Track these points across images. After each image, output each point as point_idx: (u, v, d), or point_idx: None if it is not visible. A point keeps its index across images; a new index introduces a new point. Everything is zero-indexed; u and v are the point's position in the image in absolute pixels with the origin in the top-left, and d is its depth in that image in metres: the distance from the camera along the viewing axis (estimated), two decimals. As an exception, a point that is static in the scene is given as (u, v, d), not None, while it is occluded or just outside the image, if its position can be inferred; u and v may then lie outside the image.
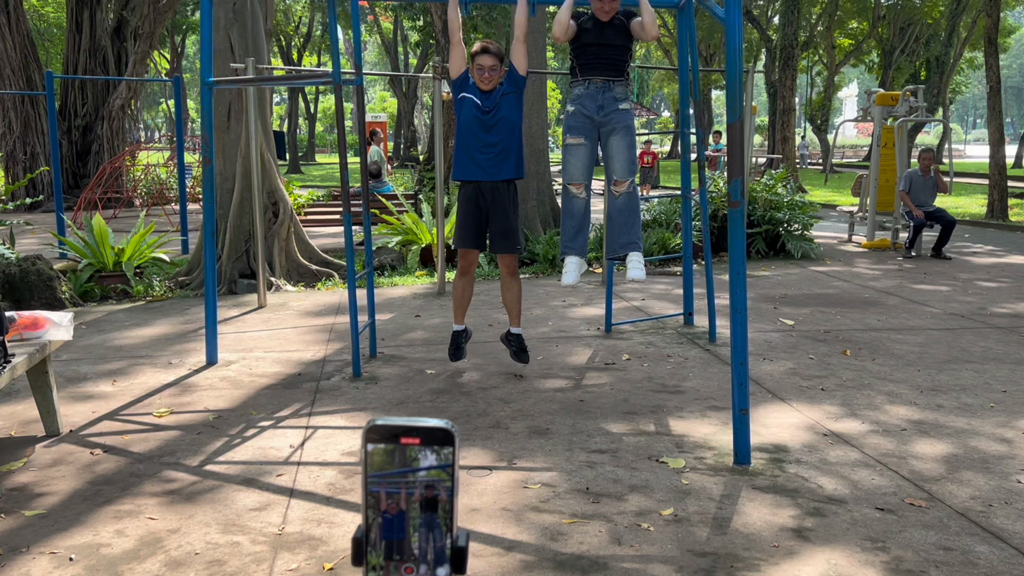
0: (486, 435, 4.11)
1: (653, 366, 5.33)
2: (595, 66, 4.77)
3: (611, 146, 4.79)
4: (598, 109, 4.75)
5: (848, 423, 4.25)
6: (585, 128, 4.80)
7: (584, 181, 4.84)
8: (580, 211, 4.88)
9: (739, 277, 3.69)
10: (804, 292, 7.91)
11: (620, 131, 4.77)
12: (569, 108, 4.87)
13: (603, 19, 4.74)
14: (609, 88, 4.76)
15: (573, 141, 4.82)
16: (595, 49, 4.73)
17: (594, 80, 4.75)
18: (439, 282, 8.00)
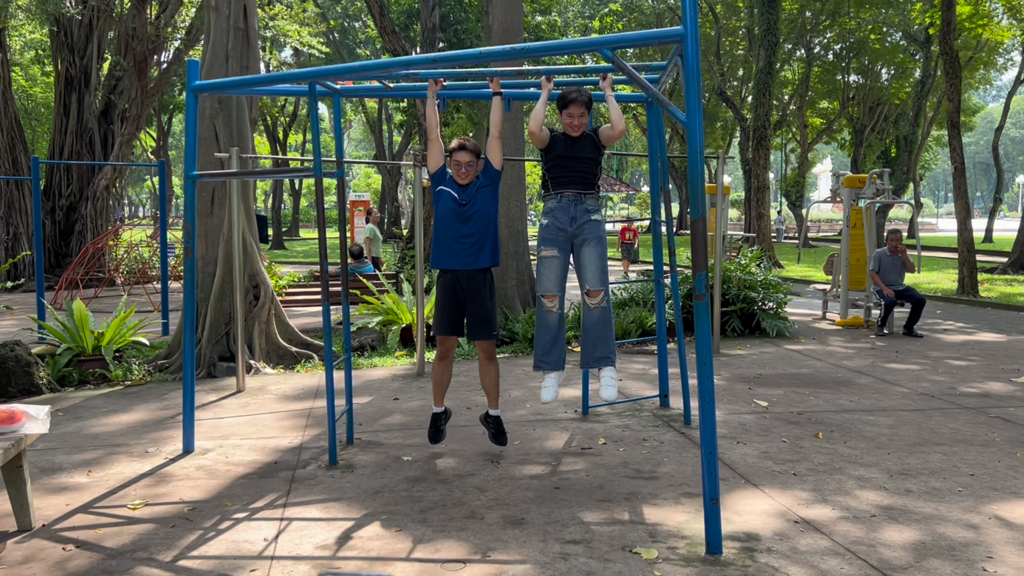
0: (461, 526, 4.13)
1: (629, 451, 5.39)
2: (566, 180, 4.98)
3: (583, 256, 4.97)
4: (571, 221, 4.95)
5: (819, 509, 4.30)
6: (558, 240, 4.99)
7: (557, 293, 5.02)
8: (554, 325, 5.04)
9: (706, 367, 3.80)
10: (778, 372, 8.02)
11: (592, 241, 4.97)
12: (543, 221, 5.06)
13: (573, 134, 4.97)
14: (581, 201, 4.97)
15: (547, 253, 5.01)
16: (566, 162, 4.95)
17: (566, 194, 4.96)
18: (418, 363, 8.06)
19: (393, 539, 3.97)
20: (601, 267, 4.93)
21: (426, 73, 4.99)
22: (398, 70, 4.80)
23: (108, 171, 18.82)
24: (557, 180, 4.98)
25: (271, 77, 5.13)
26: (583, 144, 4.98)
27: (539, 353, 5.07)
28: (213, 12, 8.44)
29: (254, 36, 8.65)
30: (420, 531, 4.07)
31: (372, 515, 4.30)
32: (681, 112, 3.85)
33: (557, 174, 4.98)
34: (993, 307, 13.96)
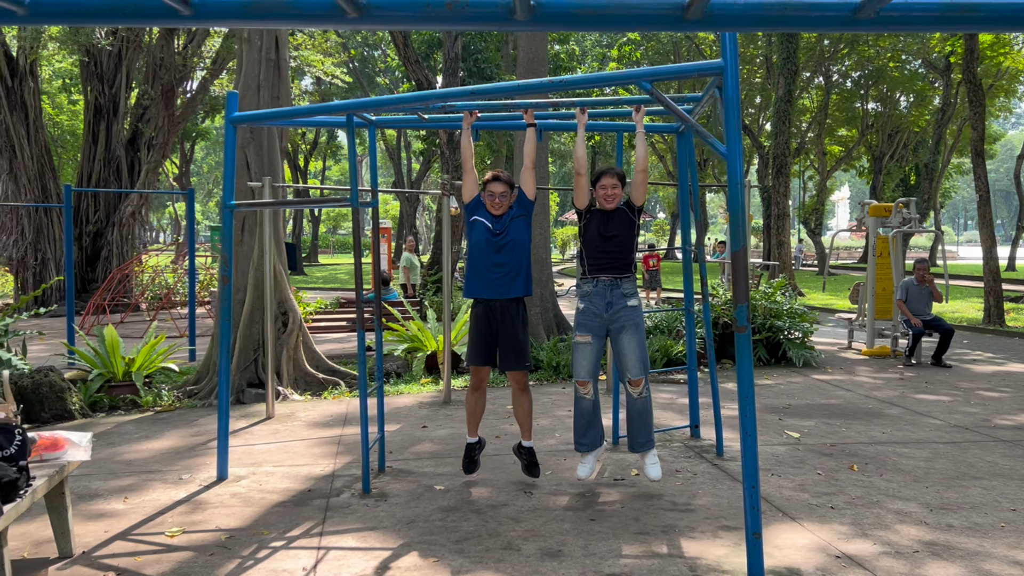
0: (498, 557, 4.12)
1: (662, 482, 5.35)
2: (603, 264, 5.04)
3: (623, 344, 5.01)
4: (606, 307, 5.01)
5: (859, 544, 4.26)
6: (594, 326, 5.04)
7: (591, 380, 5.09)
8: (588, 410, 5.14)
9: (748, 400, 3.78)
10: (808, 402, 7.96)
11: (630, 328, 5.01)
12: (579, 305, 5.12)
13: (609, 206, 5.03)
14: (617, 285, 5.03)
15: (581, 339, 5.07)
16: (601, 243, 5.02)
17: (602, 278, 5.02)
18: (445, 390, 8.07)
19: (431, 570, 3.96)
20: (640, 355, 4.99)
21: (462, 105, 5.05)
22: (435, 102, 4.87)
23: (135, 198, 19.08)
24: (593, 264, 5.06)
25: (309, 109, 5.21)
26: (618, 220, 5.04)
27: (577, 435, 5.21)
28: (245, 43, 8.59)
29: (285, 67, 8.79)
30: (458, 562, 4.05)
31: (408, 545, 4.29)
32: (721, 143, 3.88)
33: (594, 256, 5.05)
34: (1022, 337, 13.80)
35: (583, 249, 5.15)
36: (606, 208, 5.07)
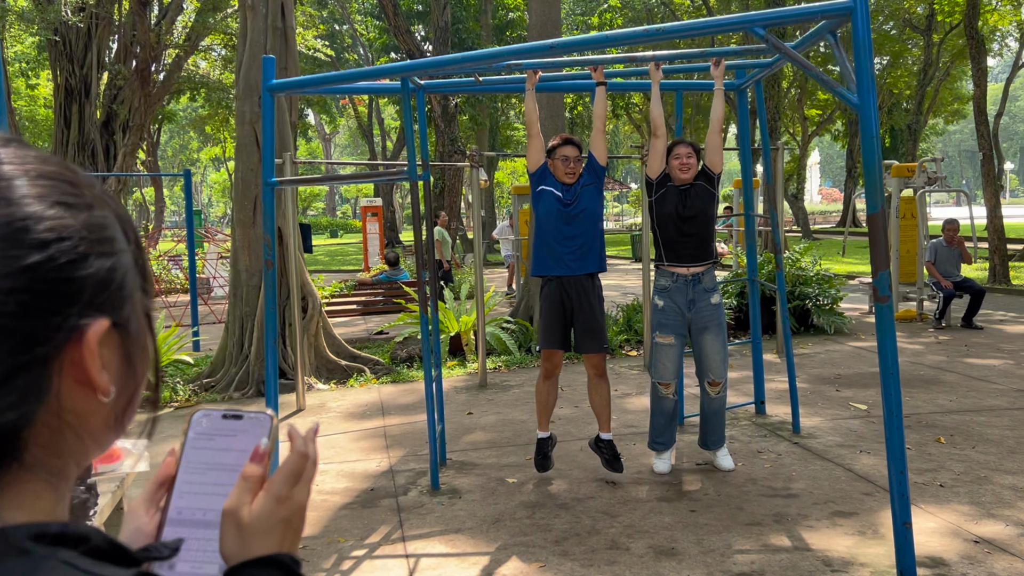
0: (609, 559, 3.75)
1: (749, 465, 5.01)
2: (681, 253, 4.70)
3: (706, 345, 4.75)
4: (688, 305, 4.71)
5: (991, 526, 3.95)
6: (676, 325, 4.74)
7: (674, 381, 4.82)
8: (669, 410, 4.89)
9: (893, 378, 3.43)
10: (857, 371, 7.68)
11: (714, 328, 4.73)
12: (658, 302, 4.77)
13: (684, 176, 4.67)
14: (698, 281, 4.70)
15: (664, 341, 4.78)
16: (680, 225, 4.66)
17: (681, 272, 4.69)
18: (480, 373, 7.66)
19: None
20: (723, 356, 4.75)
21: (528, 64, 4.60)
22: (500, 61, 4.42)
23: (112, 182, 18.30)
24: (671, 252, 4.71)
25: (357, 74, 4.74)
26: (696, 195, 4.68)
27: (653, 435, 4.97)
28: (250, 11, 8.01)
29: (292, 35, 8.24)
30: (567, 566, 3.68)
31: (504, 548, 3.91)
32: (852, 94, 3.48)
33: (671, 242, 4.71)
34: (1032, 295, 13.69)
35: (656, 234, 4.76)
36: (682, 179, 4.69)
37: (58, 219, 0.56)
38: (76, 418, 0.58)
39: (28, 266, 0.53)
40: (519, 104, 35.14)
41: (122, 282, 0.60)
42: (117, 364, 0.60)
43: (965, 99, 42.83)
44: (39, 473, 0.57)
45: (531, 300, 9.68)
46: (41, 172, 0.58)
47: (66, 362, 0.56)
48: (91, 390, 0.58)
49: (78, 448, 0.60)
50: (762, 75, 5.18)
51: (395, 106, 33.85)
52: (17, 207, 0.54)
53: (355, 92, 4.86)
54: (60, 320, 0.54)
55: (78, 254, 0.56)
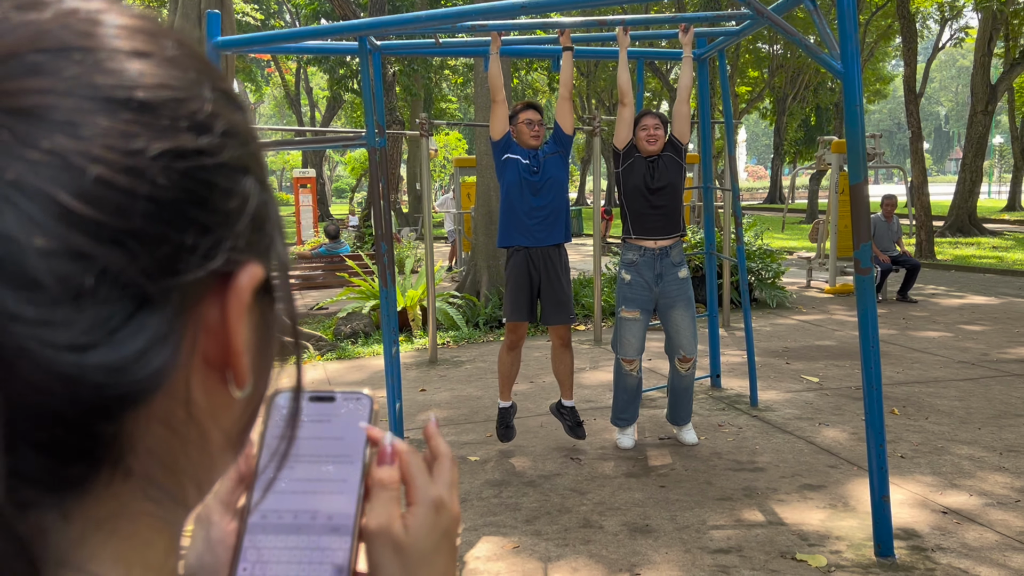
0: (584, 538, 3.65)
1: (712, 439, 4.98)
2: (648, 226, 4.58)
3: (676, 321, 4.67)
4: (656, 279, 4.60)
5: (956, 496, 3.99)
6: (642, 300, 4.64)
7: (638, 357, 4.74)
8: (633, 387, 4.81)
9: (873, 351, 3.40)
10: (804, 344, 7.77)
11: (682, 303, 4.65)
12: (625, 276, 4.65)
13: (652, 147, 4.55)
14: (666, 254, 4.59)
15: (629, 315, 4.66)
16: (648, 197, 4.55)
17: (648, 245, 4.58)
18: (431, 350, 7.47)
19: (516, 558, 3.45)
20: (693, 332, 4.68)
21: (494, 25, 4.39)
22: (465, 21, 4.20)
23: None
24: (638, 225, 4.58)
25: (310, 31, 4.46)
26: (664, 166, 4.56)
27: (616, 411, 4.89)
28: (182, -33, 7.55)
29: (228, -6, 7.80)
30: (541, 547, 3.56)
31: (474, 529, 3.77)
32: (837, 61, 3.40)
33: (638, 215, 4.58)
34: (956, 269, 14.17)
35: (624, 205, 4.64)
36: (649, 151, 4.57)
37: (221, 107, 0.38)
38: (205, 416, 0.39)
39: (180, 151, 0.35)
40: (453, 76, 34.68)
41: (273, 226, 0.41)
42: (255, 345, 0.41)
43: (887, 79, 44.19)
44: (148, 495, 0.37)
45: (478, 275, 9.51)
46: (192, 47, 0.39)
47: (201, 322, 0.37)
48: (222, 376, 0.39)
49: (203, 464, 0.40)
50: (726, 44, 5.10)
51: (324, 75, 32.89)
52: (168, 71, 0.36)
53: (307, 51, 4.58)
54: (211, 244, 0.36)
55: (240, 162, 0.38)
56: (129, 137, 0.33)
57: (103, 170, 0.32)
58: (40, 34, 0.33)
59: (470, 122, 9.07)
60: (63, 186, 0.31)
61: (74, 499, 0.33)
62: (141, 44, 0.36)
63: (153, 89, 0.35)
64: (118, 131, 0.33)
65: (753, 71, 39.83)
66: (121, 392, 0.33)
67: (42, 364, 0.31)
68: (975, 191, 20.87)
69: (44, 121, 0.32)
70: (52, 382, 0.31)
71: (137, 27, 0.37)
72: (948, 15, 31.62)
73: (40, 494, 0.32)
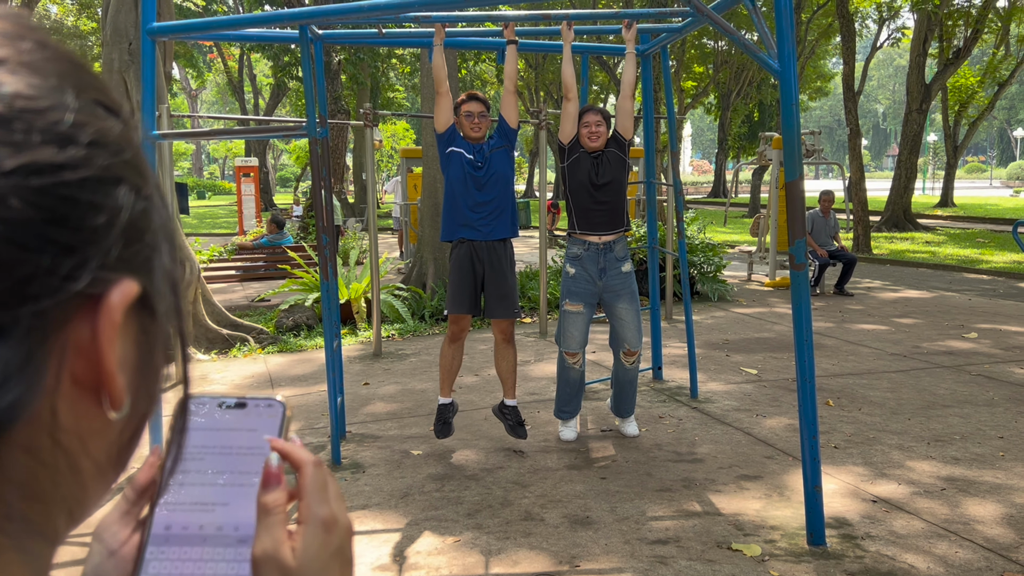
0: (525, 530, 3.67)
1: (653, 431, 5.05)
2: (593, 220, 4.61)
3: (620, 314, 4.70)
4: (600, 273, 4.63)
5: (886, 486, 4.11)
6: (586, 294, 4.67)
7: (581, 350, 4.78)
8: (576, 380, 4.84)
9: (807, 345, 3.47)
10: (744, 337, 7.91)
11: (626, 296, 4.69)
12: (569, 270, 4.68)
13: (594, 144, 4.57)
14: (610, 249, 4.63)
15: (573, 308, 4.70)
16: (592, 193, 4.57)
17: (592, 240, 4.61)
18: (375, 342, 7.42)
19: (458, 552, 3.46)
20: (638, 325, 4.72)
21: (438, 16, 4.36)
22: (408, 11, 4.16)
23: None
24: (583, 220, 4.61)
25: (248, 19, 4.37)
26: (608, 162, 4.60)
27: (560, 404, 4.91)
28: (118, -52, 7.32)
29: (166, -22, 7.59)
30: (483, 539, 3.57)
31: (415, 523, 3.76)
32: (773, 60, 3.46)
33: (583, 210, 4.61)
34: (892, 264, 14.58)
35: (569, 200, 4.66)
36: (591, 147, 4.60)
37: (92, 117, 0.36)
38: (74, 442, 0.37)
39: (36, 166, 0.32)
40: (401, 65, 34.37)
41: (154, 236, 0.39)
42: (133, 362, 0.39)
43: (828, 77, 45.15)
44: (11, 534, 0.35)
45: (423, 267, 9.46)
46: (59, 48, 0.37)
47: (69, 344, 0.35)
48: (96, 398, 0.37)
49: (73, 492, 0.38)
50: (669, 40, 5.14)
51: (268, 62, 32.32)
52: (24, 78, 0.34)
53: (246, 39, 4.49)
54: (73, 265, 0.34)
55: (109, 173, 0.36)
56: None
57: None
58: None
59: (416, 112, 9.00)
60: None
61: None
62: None
63: (4, 100, 0.32)
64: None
65: (698, 67, 40.33)
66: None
67: None
68: (910, 187, 21.47)
69: None
70: None
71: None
72: (886, 15, 32.44)
73: None
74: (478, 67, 36.02)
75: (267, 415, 0.59)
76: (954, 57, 20.85)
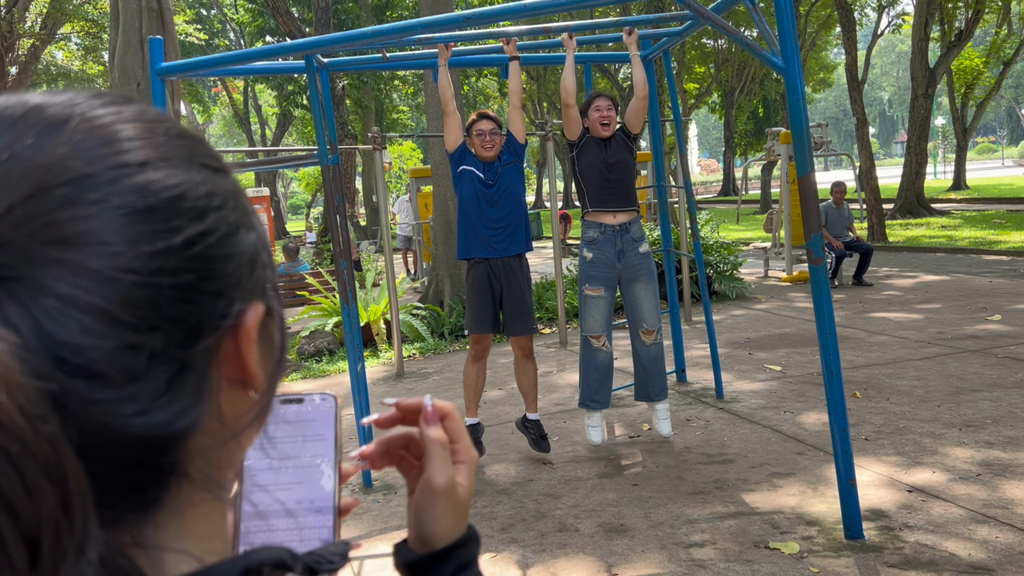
0: (560, 541, 3.67)
1: (680, 434, 5.04)
2: (607, 199, 4.60)
3: (637, 294, 4.67)
4: (618, 255, 4.61)
5: (920, 474, 4.08)
6: (605, 278, 4.64)
7: (606, 333, 4.70)
8: (604, 364, 4.73)
9: (831, 338, 3.47)
10: (765, 334, 7.89)
11: (644, 277, 4.66)
12: (587, 254, 4.66)
13: (605, 133, 4.58)
14: (626, 230, 4.62)
15: (594, 292, 4.65)
16: (604, 172, 4.57)
17: (608, 222, 4.60)
18: (397, 363, 7.45)
19: (495, 568, 3.46)
20: (655, 304, 4.68)
21: (440, 38, 4.41)
22: (411, 35, 4.21)
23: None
24: (596, 199, 4.60)
25: (255, 53, 4.44)
26: (616, 146, 4.61)
27: (588, 392, 4.77)
28: (121, -8, 7.45)
29: (169, 16, 7.71)
30: (519, 553, 3.58)
31: (451, 542, 3.76)
32: (777, 57, 3.47)
33: (596, 189, 4.60)
34: (908, 250, 14.49)
35: (581, 184, 4.67)
36: (602, 135, 4.61)
37: (210, 184, 0.46)
38: (234, 422, 0.49)
39: (188, 240, 0.43)
40: (404, 86, 34.57)
41: (265, 258, 0.51)
42: (263, 356, 0.51)
43: (830, 68, 45.01)
44: (205, 488, 0.48)
45: (440, 285, 9.50)
46: (177, 130, 0.48)
47: (224, 356, 0.47)
48: (243, 388, 0.49)
49: (236, 456, 0.52)
50: (671, 44, 5.17)
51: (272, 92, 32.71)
52: (167, 171, 0.44)
53: (254, 73, 4.55)
54: (225, 305, 0.45)
55: (231, 225, 0.47)
56: (149, 242, 0.41)
57: (135, 277, 0.40)
58: (62, 166, 0.40)
59: (423, 133, 9.07)
60: (108, 297, 0.39)
61: (158, 509, 0.44)
62: (144, 152, 0.43)
63: (160, 192, 0.42)
64: (140, 240, 0.41)
65: (699, 67, 40.34)
66: (177, 434, 0.43)
67: (118, 431, 0.40)
68: (921, 173, 21.34)
69: (81, 244, 0.39)
70: (127, 441, 0.40)
71: (136, 134, 0.44)
72: (884, 2, 32.37)
73: (132, 514, 0.43)
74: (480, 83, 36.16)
75: (323, 407, 0.69)
76: (957, 39, 20.76)
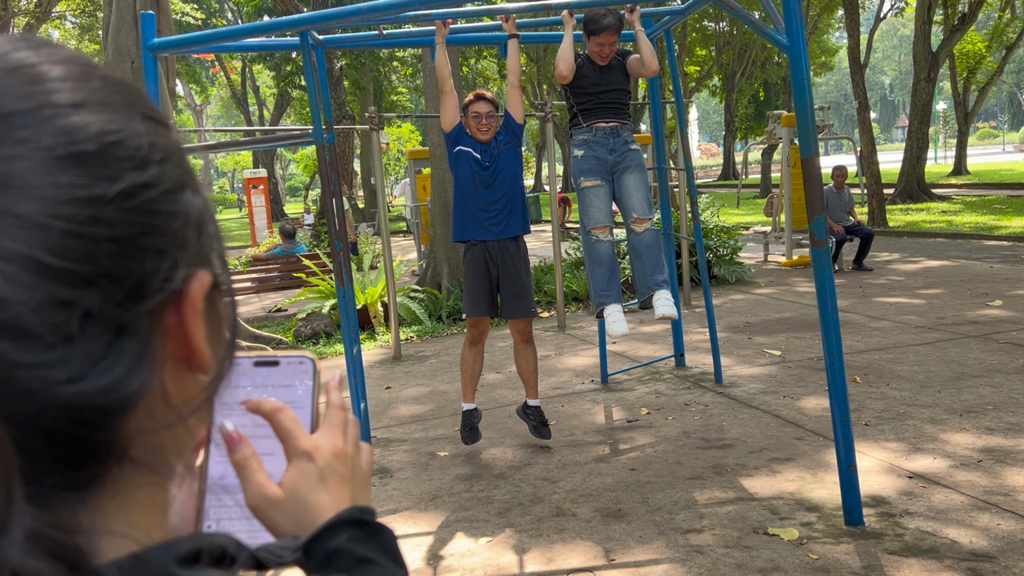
0: (557, 526, 3.63)
1: (679, 418, 5.00)
2: (599, 111, 4.49)
3: (627, 184, 4.50)
4: (609, 151, 4.48)
5: (921, 461, 4.05)
6: (599, 170, 4.49)
7: (608, 223, 4.52)
8: (608, 255, 4.51)
9: (833, 323, 3.42)
10: (765, 318, 7.84)
11: (635, 168, 4.51)
12: (577, 152, 4.53)
13: (601, 63, 4.47)
14: (617, 133, 4.50)
15: (590, 183, 4.48)
16: (598, 93, 4.46)
17: (600, 126, 4.48)
18: (394, 346, 7.40)
19: (491, 552, 3.43)
20: (646, 194, 4.51)
21: (438, 14, 4.32)
22: (408, 11, 4.13)
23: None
24: (589, 112, 4.48)
25: (248, 29, 4.35)
26: (613, 72, 4.49)
27: (599, 289, 4.48)
28: (114, -32, 7.33)
29: (164, -6, 7.60)
30: (515, 538, 3.54)
31: (447, 525, 3.74)
32: (782, 35, 3.40)
33: (589, 106, 4.47)
34: (909, 235, 14.43)
35: (573, 103, 4.52)
36: (599, 62, 4.47)
37: (153, 136, 0.43)
38: (182, 405, 0.46)
39: (127, 190, 0.40)
40: (402, 67, 34.34)
41: (212, 229, 0.48)
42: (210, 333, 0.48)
43: (832, 51, 44.74)
44: (146, 471, 0.45)
45: (438, 268, 9.44)
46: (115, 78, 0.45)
47: (168, 330, 0.44)
48: (189, 367, 0.46)
49: (183, 441, 0.49)
50: (672, 23, 5.08)
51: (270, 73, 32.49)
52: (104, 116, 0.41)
53: (247, 50, 4.47)
54: (168, 267, 0.42)
55: (175, 182, 0.44)
56: (84, 188, 0.38)
57: (67, 225, 0.37)
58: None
59: (421, 113, 8.98)
60: (36, 245, 0.36)
61: (94, 490, 0.41)
62: (76, 94, 0.40)
63: (96, 138, 0.39)
64: (74, 185, 0.38)
65: (701, 50, 40.09)
66: (114, 406, 0.40)
67: (47, 398, 0.37)
68: (922, 158, 21.23)
69: (7, 187, 0.36)
70: (58, 412, 0.37)
71: (68, 75, 0.41)
72: (888, -15, 32.09)
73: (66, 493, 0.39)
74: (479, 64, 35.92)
75: (299, 371, 0.65)
76: (960, 23, 20.58)
